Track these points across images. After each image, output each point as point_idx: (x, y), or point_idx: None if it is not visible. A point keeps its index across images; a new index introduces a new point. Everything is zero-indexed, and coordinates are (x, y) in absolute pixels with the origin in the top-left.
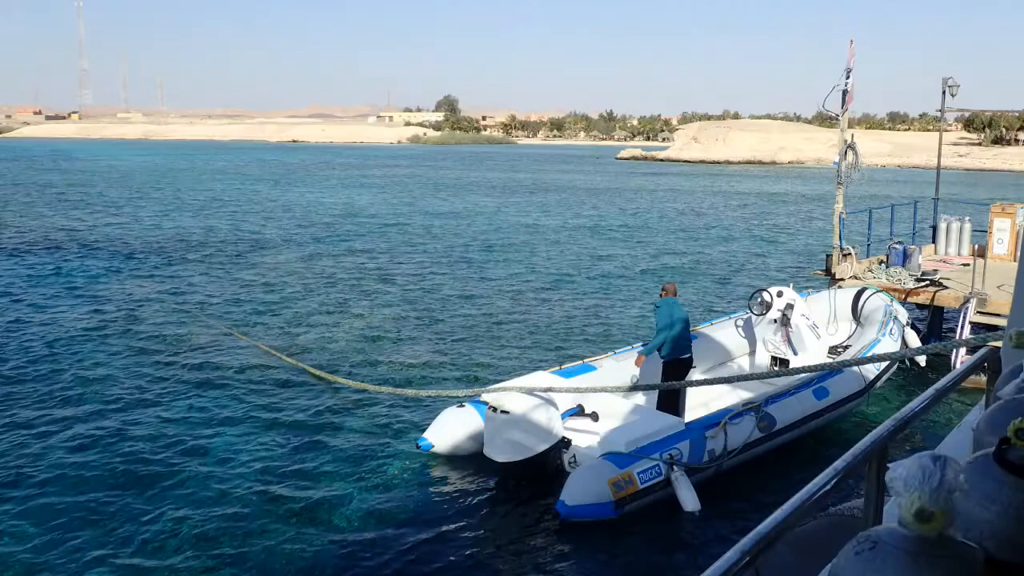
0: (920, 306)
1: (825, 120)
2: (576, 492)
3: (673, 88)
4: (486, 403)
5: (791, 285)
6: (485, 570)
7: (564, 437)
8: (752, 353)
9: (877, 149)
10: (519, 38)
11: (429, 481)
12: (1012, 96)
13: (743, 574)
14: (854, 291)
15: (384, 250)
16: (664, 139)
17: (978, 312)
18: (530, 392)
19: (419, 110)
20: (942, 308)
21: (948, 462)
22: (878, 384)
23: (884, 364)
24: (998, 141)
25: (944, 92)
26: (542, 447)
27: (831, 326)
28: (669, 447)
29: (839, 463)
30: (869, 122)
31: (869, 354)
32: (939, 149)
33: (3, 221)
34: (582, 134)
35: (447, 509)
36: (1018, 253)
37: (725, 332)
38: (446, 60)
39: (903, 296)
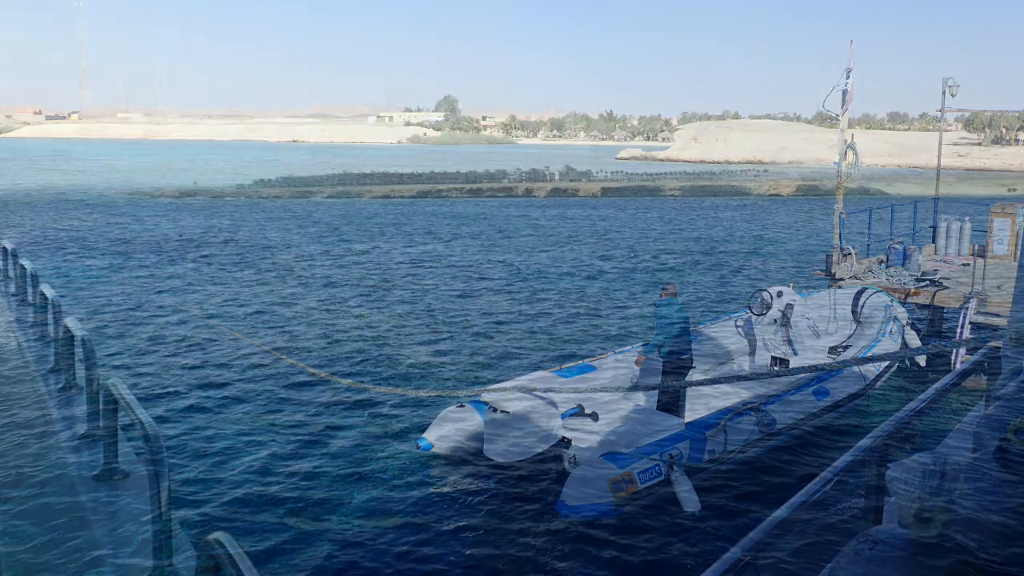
0: (920, 306)
1: (825, 120)
2: (576, 492)
3: (673, 88)
4: (486, 403)
5: (791, 285)
6: (485, 570)
7: (564, 437)
8: (752, 353)
9: (877, 149)
10: (519, 38)
11: (429, 481)
12: (1012, 96)
13: (743, 574)
14: (854, 291)
15: (384, 250)
16: (664, 139)
17: (978, 312)
18: (530, 392)
19: (419, 110)
20: (942, 308)
21: (948, 462)
22: (878, 384)
23: (884, 364)
24: (998, 141)
25: (944, 92)
26: (542, 447)
27: (831, 326)
28: (669, 447)
29: (839, 463)
30: (869, 122)
31: (869, 354)
32: (939, 149)
33: (3, 221)
34: (582, 134)
35: (447, 509)
36: (1018, 253)
37: (725, 332)
38: (446, 60)
39: (903, 296)
